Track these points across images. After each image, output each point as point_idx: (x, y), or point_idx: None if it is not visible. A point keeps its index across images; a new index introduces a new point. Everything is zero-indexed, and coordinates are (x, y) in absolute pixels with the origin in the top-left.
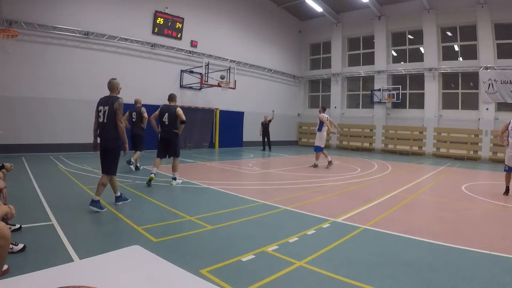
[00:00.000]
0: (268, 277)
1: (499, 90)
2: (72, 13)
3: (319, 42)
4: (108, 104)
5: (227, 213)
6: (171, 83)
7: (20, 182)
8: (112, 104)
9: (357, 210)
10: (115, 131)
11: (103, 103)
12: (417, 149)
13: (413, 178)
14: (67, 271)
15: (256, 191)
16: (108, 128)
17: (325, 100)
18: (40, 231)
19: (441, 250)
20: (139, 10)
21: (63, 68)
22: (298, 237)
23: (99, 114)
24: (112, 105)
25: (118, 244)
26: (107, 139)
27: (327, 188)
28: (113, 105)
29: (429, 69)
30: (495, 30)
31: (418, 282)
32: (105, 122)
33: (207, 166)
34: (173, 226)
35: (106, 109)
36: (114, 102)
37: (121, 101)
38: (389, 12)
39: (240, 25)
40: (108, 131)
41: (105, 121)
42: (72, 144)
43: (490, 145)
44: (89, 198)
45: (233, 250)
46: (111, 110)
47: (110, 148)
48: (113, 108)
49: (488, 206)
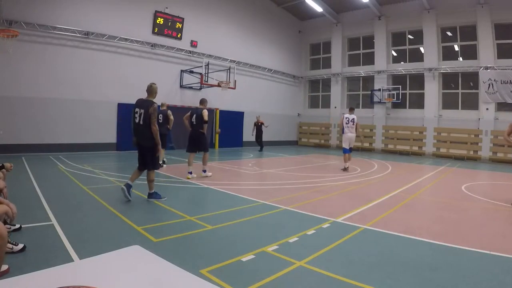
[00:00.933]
0: (268, 277)
1: (499, 90)
2: (72, 13)
3: (319, 42)
4: (144, 108)
5: (227, 213)
6: (171, 83)
7: (20, 182)
8: (147, 108)
9: (357, 210)
10: (150, 132)
11: (140, 105)
12: (417, 149)
13: (413, 178)
14: (67, 271)
15: (256, 191)
16: (143, 129)
17: (325, 100)
18: (40, 231)
19: (441, 250)
20: (139, 10)
21: (63, 68)
22: (298, 237)
23: (135, 116)
24: (147, 109)
25: (118, 244)
26: (143, 139)
27: (327, 188)
28: (148, 109)
29: (429, 69)
30: (495, 30)
31: (418, 282)
32: (140, 124)
33: (207, 166)
34: (173, 226)
35: (142, 112)
36: (149, 107)
37: (155, 106)
38: (389, 12)
39: (240, 25)
40: (143, 132)
41: (140, 123)
42: (72, 144)
43: (490, 145)
44: (89, 198)
45: (233, 250)
46: (146, 113)
47: (147, 147)
48: (148, 112)
49: (488, 206)
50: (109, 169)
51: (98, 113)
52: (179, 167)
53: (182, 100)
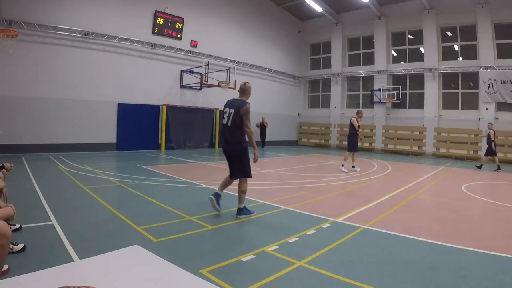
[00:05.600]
0: (268, 277)
1: (499, 90)
2: (72, 13)
3: (319, 42)
4: (235, 107)
5: (227, 213)
6: (171, 83)
7: (20, 182)
8: (238, 108)
9: (357, 210)
10: (239, 134)
11: (230, 105)
12: (417, 149)
13: (413, 178)
14: (67, 271)
15: (256, 191)
16: (232, 131)
17: (325, 100)
18: (40, 231)
19: (441, 250)
20: (139, 10)
21: (63, 68)
22: (298, 237)
23: (224, 116)
24: (239, 109)
25: (118, 244)
26: (231, 143)
27: (327, 188)
28: (239, 109)
29: (429, 69)
30: (495, 30)
31: (418, 282)
32: (228, 125)
33: (207, 166)
34: (173, 226)
35: (231, 112)
36: (241, 107)
37: (248, 106)
38: (389, 12)
39: (240, 25)
40: (232, 134)
41: (228, 124)
42: (72, 144)
43: None
44: (89, 198)
45: (233, 250)
46: (237, 113)
47: (236, 152)
48: (239, 112)
49: (488, 206)
50: (109, 169)
51: (98, 113)
52: (179, 167)
53: (182, 100)
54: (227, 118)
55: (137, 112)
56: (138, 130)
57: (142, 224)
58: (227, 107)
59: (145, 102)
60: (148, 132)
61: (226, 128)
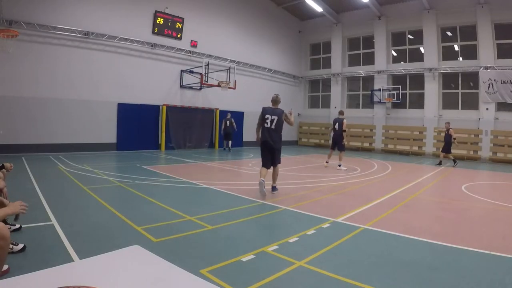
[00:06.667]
0: (268, 277)
1: (499, 90)
2: (72, 13)
3: (319, 42)
4: (277, 115)
5: (227, 213)
6: (171, 83)
7: (20, 182)
8: (280, 115)
9: (357, 210)
10: (280, 135)
11: (271, 112)
12: (417, 149)
13: (413, 178)
14: (67, 271)
15: (256, 191)
16: (277, 132)
17: (325, 100)
18: (40, 231)
19: (441, 250)
20: (139, 10)
21: (63, 68)
22: (298, 237)
23: (266, 121)
24: (281, 116)
25: (118, 244)
26: (275, 141)
27: (327, 188)
28: (281, 116)
29: (429, 69)
30: (495, 30)
31: (418, 282)
32: (273, 128)
33: (207, 166)
34: (173, 226)
35: (274, 119)
36: (281, 114)
37: (285, 112)
38: (389, 12)
39: (240, 25)
40: (276, 135)
41: (272, 127)
42: (72, 144)
43: (490, 145)
44: (89, 198)
45: (233, 250)
46: (280, 120)
47: (278, 148)
48: (281, 118)
49: (488, 206)
50: (109, 169)
51: (98, 113)
52: (179, 167)
53: (182, 100)
54: (271, 123)
55: (137, 112)
56: (138, 130)
57: (142, 224)
58: (268, 114)
59: (145, 102)
60: (148, 132)
61: (271, 130)
